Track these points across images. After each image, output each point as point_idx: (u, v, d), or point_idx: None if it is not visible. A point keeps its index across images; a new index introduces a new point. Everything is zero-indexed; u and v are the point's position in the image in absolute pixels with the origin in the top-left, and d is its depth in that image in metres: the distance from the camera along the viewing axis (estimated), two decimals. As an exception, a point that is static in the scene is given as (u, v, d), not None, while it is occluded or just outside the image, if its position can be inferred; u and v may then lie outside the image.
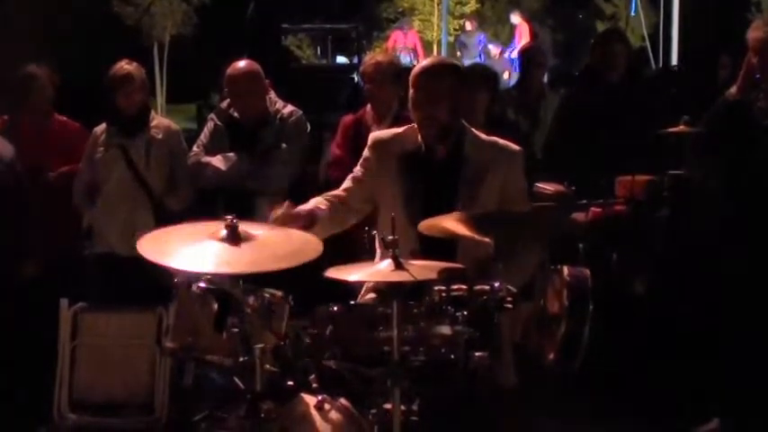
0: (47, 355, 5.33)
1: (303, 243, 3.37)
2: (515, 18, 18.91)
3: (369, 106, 5.81)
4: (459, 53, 18.44)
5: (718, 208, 4.89)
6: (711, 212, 4.93)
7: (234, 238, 3.21)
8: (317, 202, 3.94)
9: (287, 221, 3.65)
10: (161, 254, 3.22)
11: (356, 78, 12.90)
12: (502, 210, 3.80)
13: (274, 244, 3.31)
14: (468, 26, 19.37)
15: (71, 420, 5.21)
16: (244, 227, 3.28)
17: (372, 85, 5.69)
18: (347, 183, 4.07)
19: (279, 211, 3.70)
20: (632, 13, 20.76)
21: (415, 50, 18.05)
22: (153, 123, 5.80)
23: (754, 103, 4.97)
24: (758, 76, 4.93)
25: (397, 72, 5.64)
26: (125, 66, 5.72)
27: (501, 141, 4.01)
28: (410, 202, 3.85)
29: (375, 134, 4.17)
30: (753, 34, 4.94)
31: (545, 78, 8.20)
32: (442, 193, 3.84)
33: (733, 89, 5.10)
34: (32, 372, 5.53)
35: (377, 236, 3.90)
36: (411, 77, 3.91)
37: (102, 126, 5.81)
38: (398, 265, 3.18)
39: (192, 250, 3.23)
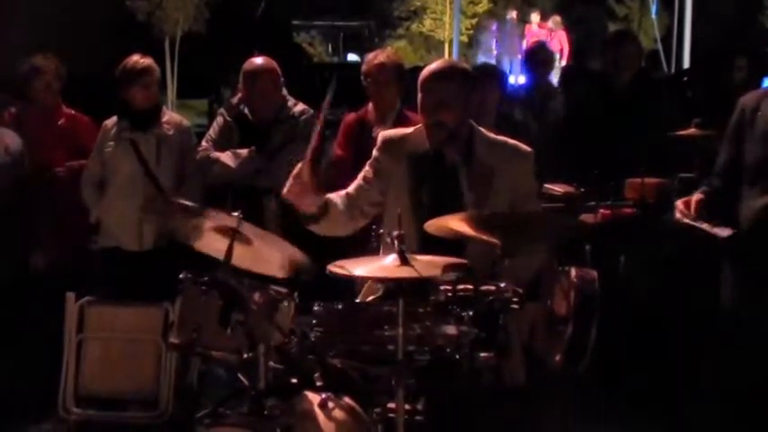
0: (53, 349, 5.32)
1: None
2: (535, 17, 18.87)
3: (370, 105, 5.77)
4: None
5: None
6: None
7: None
8: (330, 196, 3.89)
9: (302, 193, 3.64)
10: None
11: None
12: (509, 210, 3.76)
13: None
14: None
15: (76, 414, 5.19)
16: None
17: (377, 86, 5.64)
18: (357, 182, 3.99)
19: (302, 176, 3.64)
20: (653, 15, 20.67)
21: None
22: (164, 119, 5.71)
23: None
24: None
25: (401, 71, 5.63)
26: (142, 59, 5.63)
27: (511, 142, 3.95)
28: (418, 203, 3.79)
29: (385, 134, 4.07)
30: None
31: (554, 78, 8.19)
32: (451, 195, 3.79)
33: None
34: (38, 366, 5.54)
35: (383, 234, 3.88)
36: (420, 81, 3.84)
37: (114, 119, 5.72)
38: (404, 261, 3.17)
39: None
